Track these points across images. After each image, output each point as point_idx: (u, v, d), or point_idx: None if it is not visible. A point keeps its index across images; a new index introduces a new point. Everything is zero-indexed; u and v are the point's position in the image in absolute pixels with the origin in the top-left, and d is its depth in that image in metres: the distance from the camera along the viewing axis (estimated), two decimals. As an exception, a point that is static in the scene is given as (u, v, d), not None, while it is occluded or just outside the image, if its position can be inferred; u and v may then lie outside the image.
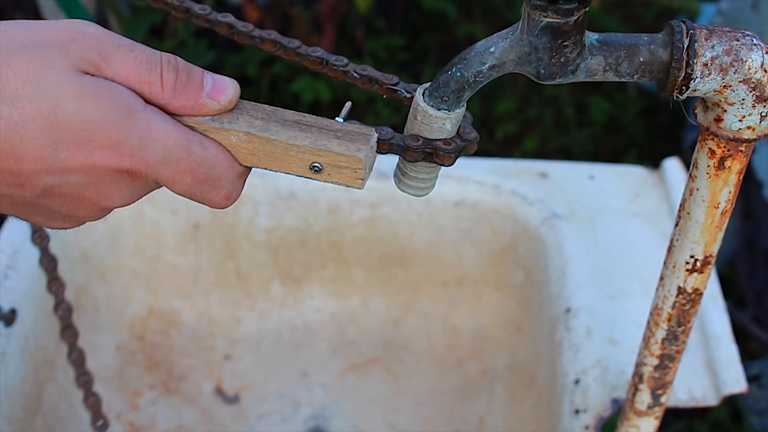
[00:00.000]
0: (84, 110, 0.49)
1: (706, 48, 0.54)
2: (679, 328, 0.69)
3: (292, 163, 0.54)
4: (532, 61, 0.53)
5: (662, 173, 1.15)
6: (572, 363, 0.95)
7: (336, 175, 0.54)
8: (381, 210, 1.17)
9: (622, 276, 1.03)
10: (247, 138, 0.53)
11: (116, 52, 0.51)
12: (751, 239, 1.63)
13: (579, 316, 0.98)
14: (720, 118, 0.57)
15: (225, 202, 0.56)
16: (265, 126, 0.54)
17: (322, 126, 0.55)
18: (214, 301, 1.19)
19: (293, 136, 0.54)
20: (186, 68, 0.53)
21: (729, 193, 0.61)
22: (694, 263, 0.65)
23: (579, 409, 0.91)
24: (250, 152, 0.54)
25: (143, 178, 0.52)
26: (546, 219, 1.11)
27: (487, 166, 1.16)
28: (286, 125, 0.54)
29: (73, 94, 0.49)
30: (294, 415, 1.12)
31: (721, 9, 1.63)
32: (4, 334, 0.96)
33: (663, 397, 0.76)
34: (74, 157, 0.50)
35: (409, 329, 1.20)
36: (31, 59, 0.49)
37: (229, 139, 0.53)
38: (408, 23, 2.14)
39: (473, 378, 1.15)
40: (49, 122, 0.49)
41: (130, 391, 1.12)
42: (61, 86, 0.49)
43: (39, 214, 0.54)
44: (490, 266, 1.18)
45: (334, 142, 0.54)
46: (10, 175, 0.50)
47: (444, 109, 0.55)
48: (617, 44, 0.54)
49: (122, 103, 0.51)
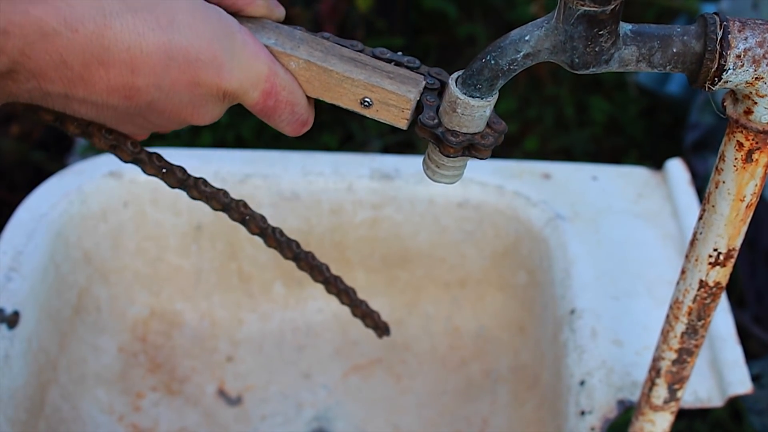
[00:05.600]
0: (195, 26, 0.49)
1: (739, 40, 0.54)
2: (699, 321, 0.69)
3: (344, 95, 0.57)
4: (566, 50, 0.54)
5: (665, 174, 1.15)
6: (577, 364, 0.95)
7: (383, 112, 0.57)
8: (384, 211, 1.16)
9: (626, 277, 1.03)
10: (306, 65, 0.56)
11: None
12: (751, 239, 1.64)
13: (584, 317, 0.98)
14: (750, 111, 0.57)
15: (302, 128, 0.57)
16: (324, 57, 0.56)
17: (376, 66, 0.57)
18: (217, 302, 1.19)
19: (349, 69, 0.56)
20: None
21: (755, 186, 0.61)
22: (717, 256, 0.65)
23: (584, 410, 0.90)
24: (306, 80, 0.56)
25: (234, 98, 0.53)
26: (549, 220, 1.10)
27: (490, 166, 1.16)
28: (343, 59, 0.57)
29: (186, 9, 0.49)
30: (297, 416, 1.12)
31: (721, 9, 1.63)
32: (7, 337, 0.96)
33: (680, 392, 0.76)
34: (183, 74, 0.50)
35: (412, 330, 1.20)
36: None
37: (289, 65, 0.56)
38: (408, 23, 2.14)
39: (476, 379, 1.15)
40: (167, 36, 0.49)
41: (133, 392, 1.12)
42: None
43: (131, 123, 0.53)
44: (493, 267, 1.18)
45: (387, 81, 0.57)
46: (123, 87, 0.49)
47: (478, 97, 0.55)
48: (651, 35, 0.55)
49: (225, 23, 0.51)
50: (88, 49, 0.47)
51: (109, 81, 0.49)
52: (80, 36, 0.46)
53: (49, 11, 0.45)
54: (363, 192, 1.15)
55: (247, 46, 0.52)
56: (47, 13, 0.45)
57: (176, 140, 1.98)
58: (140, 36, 0.48)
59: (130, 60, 0.48)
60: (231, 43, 0.51)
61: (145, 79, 0.49)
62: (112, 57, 0.48)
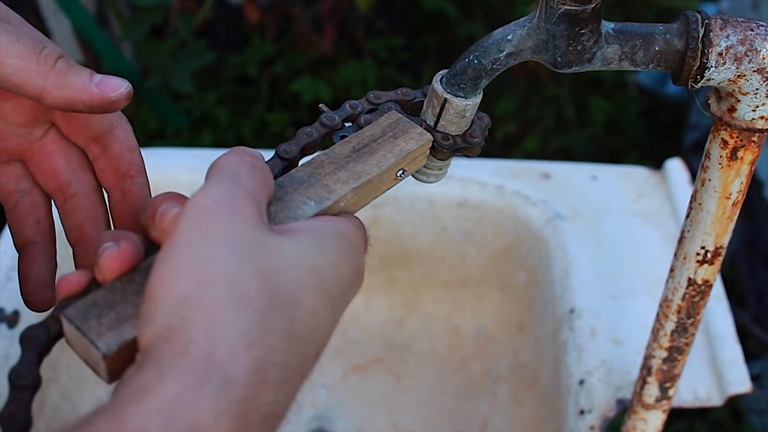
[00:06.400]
0: (328, 257, 0.45)
1: (720, 38, 0.54)
2: (689, 320, 0.69)
3: (383, 184, 0.54)
4: (549, 48, 0.54)
5: (665, 174, 1.15)
6: (576, 363, 0.95)
7: (412, 168, 0.55)
8: (384, 211, 1.16)
9: (625, 276, 1.03)
10: (353, 193, 0.51)
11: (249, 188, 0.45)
12: (751, 239, 1.64)
13: (583, 317, 0.98)
14: (733, 108, 0.58)
15: None
16: (351, 173, 0.52)
17: (372, 138, 0.54)
18: (217, 302, 1.19)
19: (377, 162, 0.53)
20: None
21: (741, 183, 0.61)
22: (704, 254, 0.65)
23: (584, 409, 0.91)
24: (354, 203, 0.52)
25: None
26: (549, 220, 1.10)
27: (490, 166, 1.16)
28: (356, 159, 0.53)
29: (316, 251, 0.44)
30: (297, 416, 1.12)
31: (721, 9, 1.63)
32: (8, 336, 0.96)
33: (671, 390, 0.76)
34: (339, 310, 0.46)
35: (412, 330, 1.20)
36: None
37: (340, 206, 0.51)
38: (408, 23, 2.14)
39: (476, 379, 1.15)
40: (324, 291, 0.44)
41: (133, 392, 1.12)
42: (301, 250, 0.44)
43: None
44: (492, 267, 1.18)
45: (402, 143, 0.54)
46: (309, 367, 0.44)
47: (462, 97, 0.55)
48: (633, 33, 0.55)
49: (326, 230, 0.46)
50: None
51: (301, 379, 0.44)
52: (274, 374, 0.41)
53: None
54: (363, 192, 1.15)
55: (347, 231, 0.47)
56: None
57: (176, 140, 1.98)
58: (315, 314, 0.43)
59: (317, 352, 0.44)
60: (346, 242, 0.47)
61: (312, 349, 0.44)
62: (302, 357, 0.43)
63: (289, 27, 2.01)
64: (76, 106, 0.49)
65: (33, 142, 0.54)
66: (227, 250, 0.41)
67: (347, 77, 2.01)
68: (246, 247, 0.42)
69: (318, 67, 2.07)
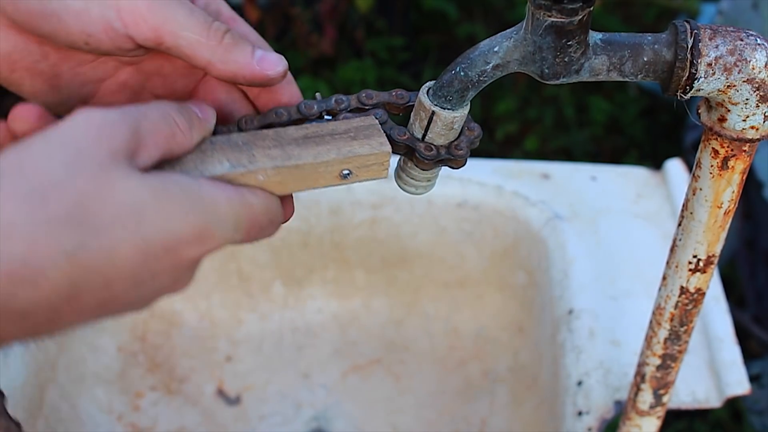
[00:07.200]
0: (165, 212, 0.45)
1: (710, 48, 0.54)
2: (682, 327, 0.69)
3: (321, 179, 0.52)
4: (536, 60, 0.53)
5: (664, 174, 1.15)
6: (575, 365, 0.95)
7: (364, 174, 0.54)
8: (383, 211, 1.16)
9: (624, 277, 1.03)
10: (275, 172, 0.51)
11: (141, 128, 0.46)
12: (751, 239, 1.64)
13: (581, 318, 0.98)
14: (724, 118, 0.57)
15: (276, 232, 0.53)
16: (284, 153, 0.51)
17: (331, 132, 0.53)
18: (216, 302, 1.19)
19: (316, 153, 0.52)
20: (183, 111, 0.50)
21: (732, 193, 0.61)
22: (696, 263, 0.65)
23: (582, 410, 0.91)
24: (279, 183, 0.51)
25: (217, 250, 0.49)
26: (548, 220, 1.10)
27: (489, 167, 1.16)
28: (301, 144, 0.52)
29: (149, 195, 0.44)
30: (296, 416, 1.12)
31: (721, 9, 1.62)
32: None
33: (665, 397, 0.76)
34: (163, 263, 0.46)
35: (411, 330, 1.20)
36: (88, 177, 0.43)
37: (257, 179, 0.50)
38: (408, 23, 2.14)
39: (475, 379, 1.15)
40: (139, 236, 0.44)
41: (132, 392, 1.12)
42: (136, 193, 0.44)
43: (100, 317, 0.48)
44: (492, 267, 1.18)
45: (355, 145, 0.53)
46: (98, 306, 0.45)
47: (449, 109, 0.55)
48: (621, 44, 0.54)
49: (187, 189, 0.46)
50: (54, 296, 0.42)
51: (81, 312, 0.44)
52: (44, 289, 0.41)
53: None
54: (362, 192, 1.15)
55: (216, 199, 0.47)
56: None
57: (176, 140, 1.98)
58: (111, 252, 0.43)
59: (103, 280, 0.43)
60: (201, 206, 0.46)
61: (122, 285, 0.44)
62: (81, 289, 0.43)
63: (289, 27, 2.01)
64: (238, 80, 0.53)
65: (197, 81, 0.58)
66: (65, 160, 0.42)
67: (347, 77, 2.01)
68: (84, 166, 0.43)
69: (318, 67, 2.07)
